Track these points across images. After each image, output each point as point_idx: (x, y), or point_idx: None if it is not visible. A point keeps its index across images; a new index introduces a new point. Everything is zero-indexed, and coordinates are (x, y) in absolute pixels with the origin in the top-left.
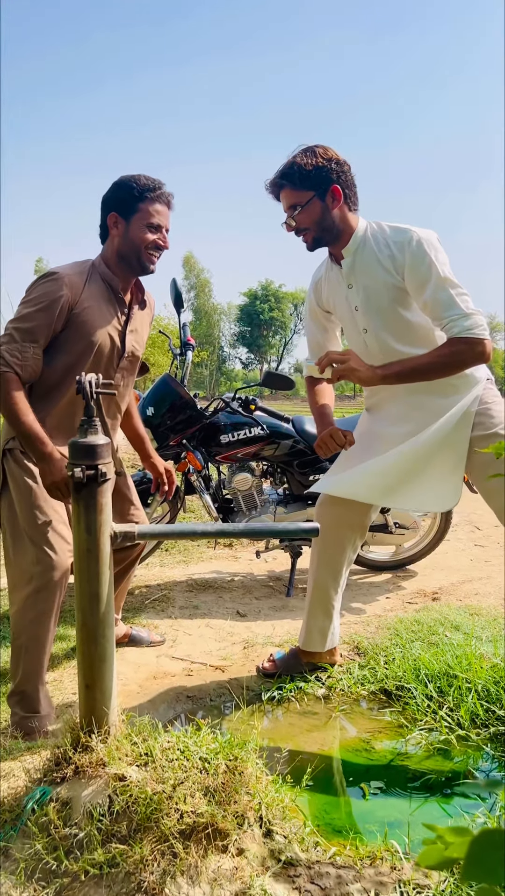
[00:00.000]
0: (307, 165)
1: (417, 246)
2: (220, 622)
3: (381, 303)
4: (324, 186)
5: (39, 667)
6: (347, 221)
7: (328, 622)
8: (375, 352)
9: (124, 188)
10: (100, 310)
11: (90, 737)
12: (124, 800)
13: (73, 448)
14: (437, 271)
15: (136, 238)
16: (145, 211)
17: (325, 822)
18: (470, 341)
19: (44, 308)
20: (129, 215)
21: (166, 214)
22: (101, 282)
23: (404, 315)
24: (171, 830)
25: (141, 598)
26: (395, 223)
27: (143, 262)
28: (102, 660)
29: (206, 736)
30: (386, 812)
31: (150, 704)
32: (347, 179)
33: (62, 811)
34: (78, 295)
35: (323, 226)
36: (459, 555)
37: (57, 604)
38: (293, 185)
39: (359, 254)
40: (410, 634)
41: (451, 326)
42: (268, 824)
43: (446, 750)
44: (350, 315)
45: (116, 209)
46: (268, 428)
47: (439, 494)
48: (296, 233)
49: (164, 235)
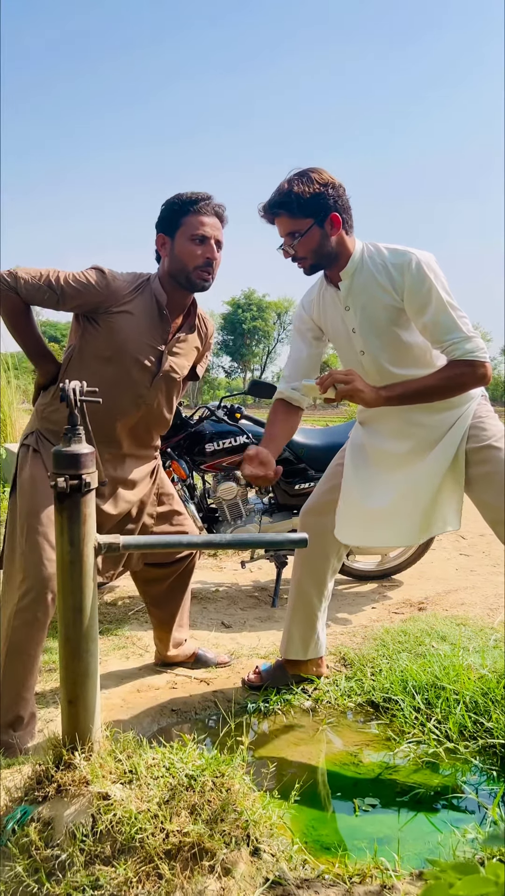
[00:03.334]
0: (305, 193)
1: (417, 269)
2: (204, 633)
3: (379, 324)
4: (322, 214)
5: (24, 678)
6: (344, 245)
7: (311, 632)
8: (372, 373)
9: (168, 206)
10: (139, 323)
11: (73, 754)
12: (108, 819)
13: (57, 457)
14: (437, 294)
15: (182, 253)
16: (189, 224)
17: (313, 839)
18: (473, 363)
19: (77, 287)
20: (174, 231)
21: (215, 225)
22: (150, 297)
23: (402, 336)
24: (156, 851)
25: (124, 609)
26: (391, 245)
27: (191, 279)
28: (86, 675)
29: (191, 752)
30: (375, 827)
31: (134, 718)
32: (344, 203)
33: (44, 831)
34: (117, 299)
35: (321, 253)
36: (444, 564)
37: (45, 615)
38: (291, 213)
39: (357, 276)
40: (396, 645)
41: (453, 349)
42: (255, 842)
43: (435, 763)
44: (347, 337)
45: (163, 230)
46: (254, 437)
47: (447, 516)
48: (293, 259)
49: (212, 247)
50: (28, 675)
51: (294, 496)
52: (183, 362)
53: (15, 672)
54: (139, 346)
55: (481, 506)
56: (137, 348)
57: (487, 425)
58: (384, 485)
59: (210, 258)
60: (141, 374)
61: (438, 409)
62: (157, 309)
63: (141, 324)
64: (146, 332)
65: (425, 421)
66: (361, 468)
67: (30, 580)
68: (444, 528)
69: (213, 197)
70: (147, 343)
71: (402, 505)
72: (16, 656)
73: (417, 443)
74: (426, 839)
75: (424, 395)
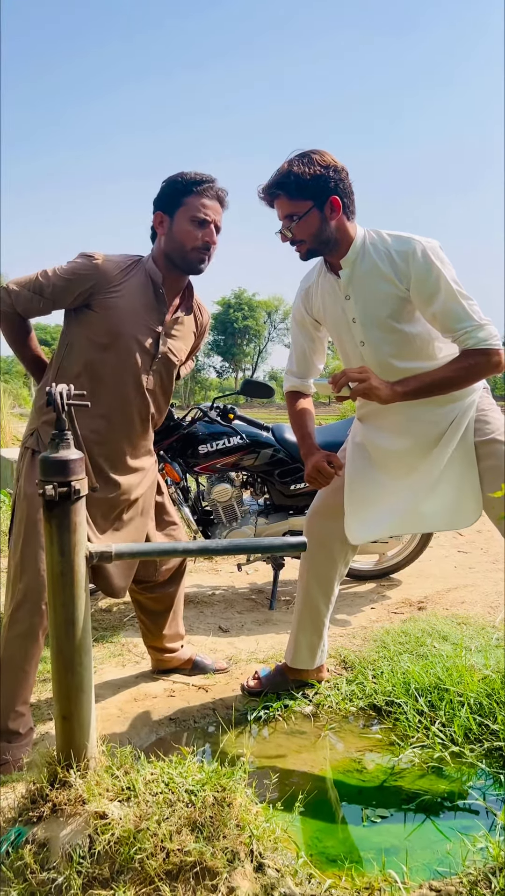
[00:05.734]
0: (305, 175)
1: (424, 256)
2: (201, 638)
3: (380, 314)
4: (322, 197)
5: (19, 692)
6: (344, 231)
7: (318, 639)
8: (372, 365)
9: (170, 184)
10: (134, 304)
11: (68, 771)
12: (106, 839)
13: (44, 464)
14: (446, 282)
15: (180, 233)
16: (191, 205)
17: (318, 852)
18: (488, 352)
19: (66, 277)
20: (174, 210)
21: (216, 210)
22: (144, 277)
23: (404, 327)
24: (156, 871)
25: (119, 615)
26: (395, 231)
27: (189, 261)
28: (80, 689)
29: (191, 765)
30: (381, 837)
31: (132, 729)
32: (346, 187)
33: (39, 853)
34: (109, 281)
35: (320, 238)
36: (442, 562)
37: (40, 627)
38: (290, 195)
39: (358, 264)
40: (397, 646)
41: (466, 338)
42: (259, 858)
43: (440, 768)
44: (347, 327)
45: (162, 208)
46: (247, 437)
47: (462, 508)
48: (290, 243)
49: (211, 231)
50: (22, 688)
51: (290, 497)
52: (180, 346)
53: (8, 685)
54: (136, 326)
55: (484, 501)
56: (134, 329)
57: (490, 418)
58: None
59: (209, 242)
60: (139, 358)
61: (441, 403)
62: (152, 289)
63: (136, 303)
64: (142, 313)
65: (427, 416)
66: (362, 467)
67: (25, 590)
68: (451, 525)
69: (217, 180)
70: (144, 324)
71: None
72: (10, 669)
73: (419, 438)
74: (434, 848)
75: (440, 387)
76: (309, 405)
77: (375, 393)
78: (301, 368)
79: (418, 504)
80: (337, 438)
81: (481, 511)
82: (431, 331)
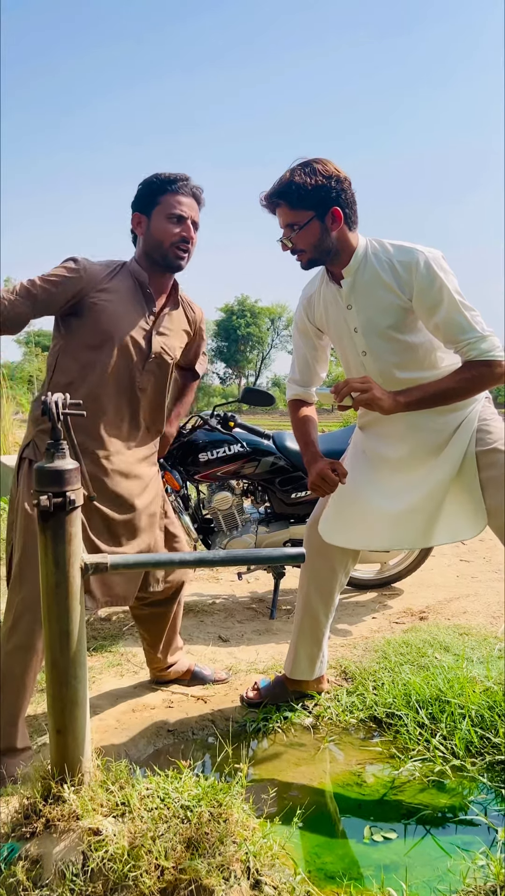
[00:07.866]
0: (307, 184)
1: (426, 267)
2: (201, 648)
3: (382, 324)
4: (324, 207)
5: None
6: (346, 241)
7: (317, 649)
8: (374, 374)
9: (146, 185)
10: (122, 304)
11: (62, 786)
12: (100, 856)
13: (39, 474)
14: (448, 293)
15: (158, 231)
16: (166, 202)
17: (316, 868)
18: (490, 363)
19: (53, 283)
20: (151, 210)
21: (192, 206)
22: (129, 278)
23: (406, 337)
24: (150, 889)
25: (119, 623)
26: (397, 241)
27: (168, 258)
28: (75, 703)
29: (187, 780)
30: (381, 853)
31: (129, 741)
32: (348, 197)
33: (32, 870)
34: (96, 283)
35: (321, 248)
36: (444, 571)
37: (40, 640)
38: (291, 204)
39: (360, 274)
40: (398, 657)
41: (468, 350)
42: (256, 875)
43: (441, 782)
44: (349, 336)
45: (139, 208)
46: (248, 445)
47: (464, 520)
48: (291, 252)
49: (188, 227)
50: (21, 702)
51: (291, 505)
52: (173, 343)
53: (7, 698)
54: (126, 325)
55: (487, 511)
56: (125, 328)
57: (492, 428)
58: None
59: (186, 237)
60: (132, 358)
61: (443, 412)
62: (139, 288)
63: (125, 303)
64: (131, 311)
65: (429, 425)
66: (361, 474)
67: (24, 602)
68: (453, 537)
69: (190, 178)
70: (133, 323)
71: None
72: (9, 681)
73: (421, 447)
74: (435, 865)
75: (442, 397)
76: (312, 413)
77: (377, 403)
78: (304, 377)
79: (416, 517)
80: (339, 446)
81: (484, 522)
82: (434, 341)
